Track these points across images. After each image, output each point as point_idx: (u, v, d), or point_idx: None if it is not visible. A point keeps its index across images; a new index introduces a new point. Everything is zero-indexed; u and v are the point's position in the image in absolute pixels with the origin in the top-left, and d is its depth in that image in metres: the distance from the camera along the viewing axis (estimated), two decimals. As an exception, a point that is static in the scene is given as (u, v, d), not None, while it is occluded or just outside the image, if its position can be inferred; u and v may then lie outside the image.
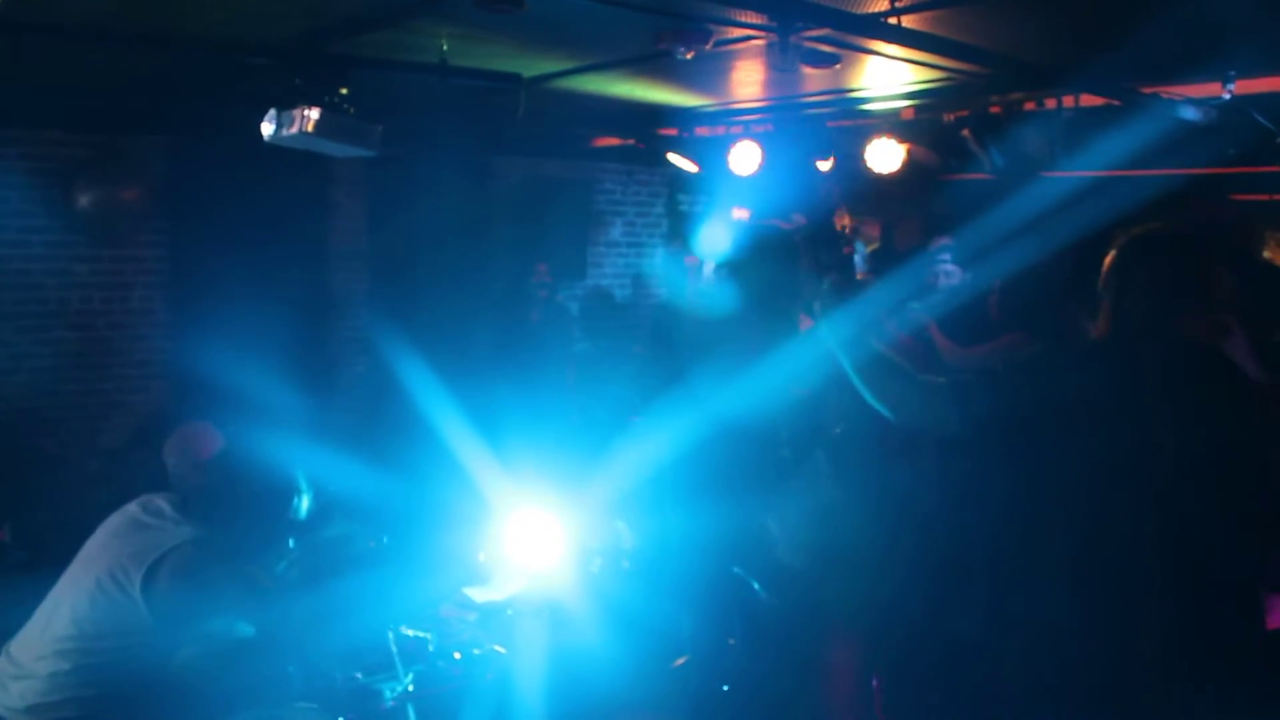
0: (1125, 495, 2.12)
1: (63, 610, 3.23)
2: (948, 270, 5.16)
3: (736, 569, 4.48)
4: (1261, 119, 4.82)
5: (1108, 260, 2.44)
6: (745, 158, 6.49)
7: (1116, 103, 5.01)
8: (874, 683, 4.12)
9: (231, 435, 3.56)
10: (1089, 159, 5.07)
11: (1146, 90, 4.92)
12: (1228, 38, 3.93)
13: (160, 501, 3.40)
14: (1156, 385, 2.16)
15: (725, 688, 4.47)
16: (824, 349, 3.63)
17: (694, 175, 7.38)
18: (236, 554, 3.39)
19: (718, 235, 4.43)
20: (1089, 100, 5.15)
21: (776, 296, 4.41)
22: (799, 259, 4.62)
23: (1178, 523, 2.08)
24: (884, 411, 2.51)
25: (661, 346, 5.84)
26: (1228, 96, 4.64)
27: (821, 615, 4.06)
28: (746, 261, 4.35)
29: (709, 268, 5.92)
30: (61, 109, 6.29)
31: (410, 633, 4.37)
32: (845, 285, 2.61)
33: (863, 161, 6.01)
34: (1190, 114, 4.95)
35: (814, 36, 4.07)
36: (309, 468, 3.87)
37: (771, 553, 4.29)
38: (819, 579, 4.07)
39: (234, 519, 3.44)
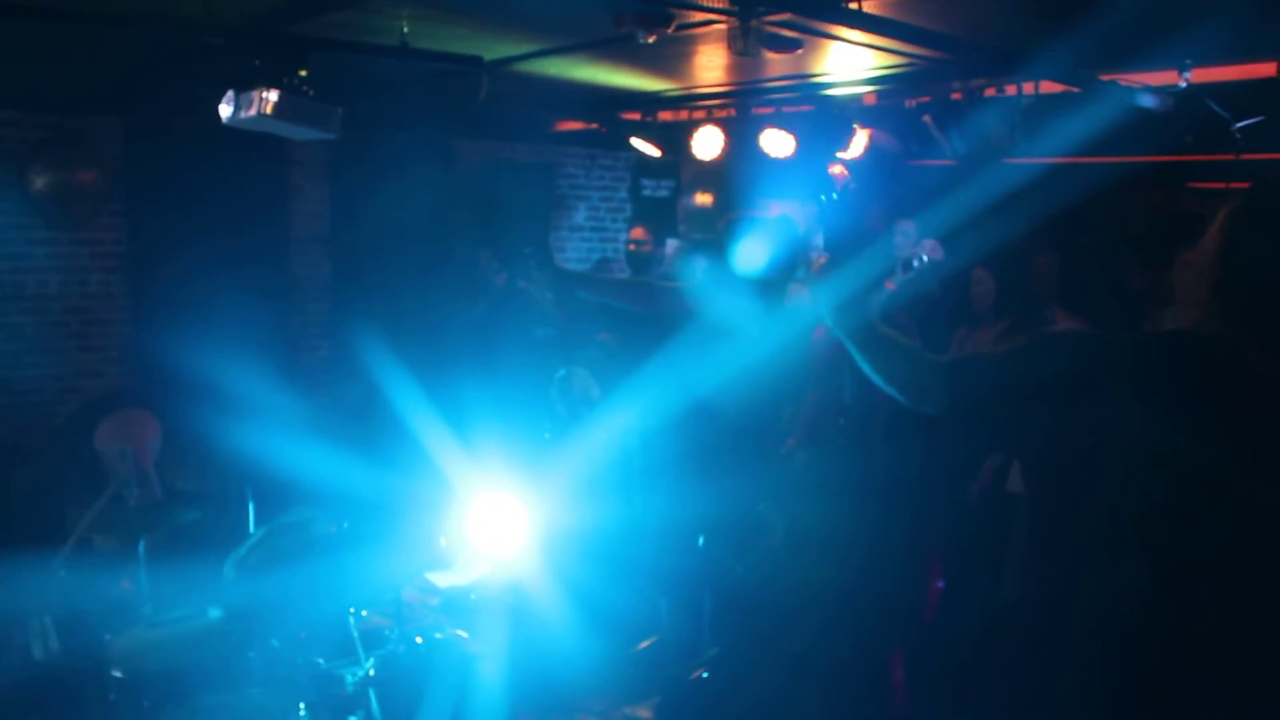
0: (1088, 482, 2.10)
1: None
2: (930, 244, 5.17)
3: (716, 551, 4.50)
4: (1216, 107, 4.88)
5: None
6: (708, 142, 6.50)
7: (1075, 89, 5.05)
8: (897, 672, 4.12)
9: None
10: (1048, 145, 5.11)
11: (1105, 77, 4.97)
12: (1184, 26, 3.97)
13: None
14: (1143, 374, 2.07)
15: (705, 674, 4.49)
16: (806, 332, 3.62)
17: (657, 160, 7.39)
18: None
19: (754, 256, 4.41)
20: (1049, 87, 5.19)
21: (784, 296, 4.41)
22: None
23: (1145, 516, 2.03)
24: (893, 393, 2.43)
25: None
26: (1184, 85, 4.70)
27: (807, 600, 4.07)
28: (779, 282, 4.34)
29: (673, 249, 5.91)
30: (14, 89, 6.19)
31: (371, 618, 4.37)
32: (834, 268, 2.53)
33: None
34: (1147, 101, 5.01)
35: (775, 21, 4.07)
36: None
37: (762, 538, 4.30)
38: (809, 564, 4.07)
39: None
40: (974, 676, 2.53)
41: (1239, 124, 4.92)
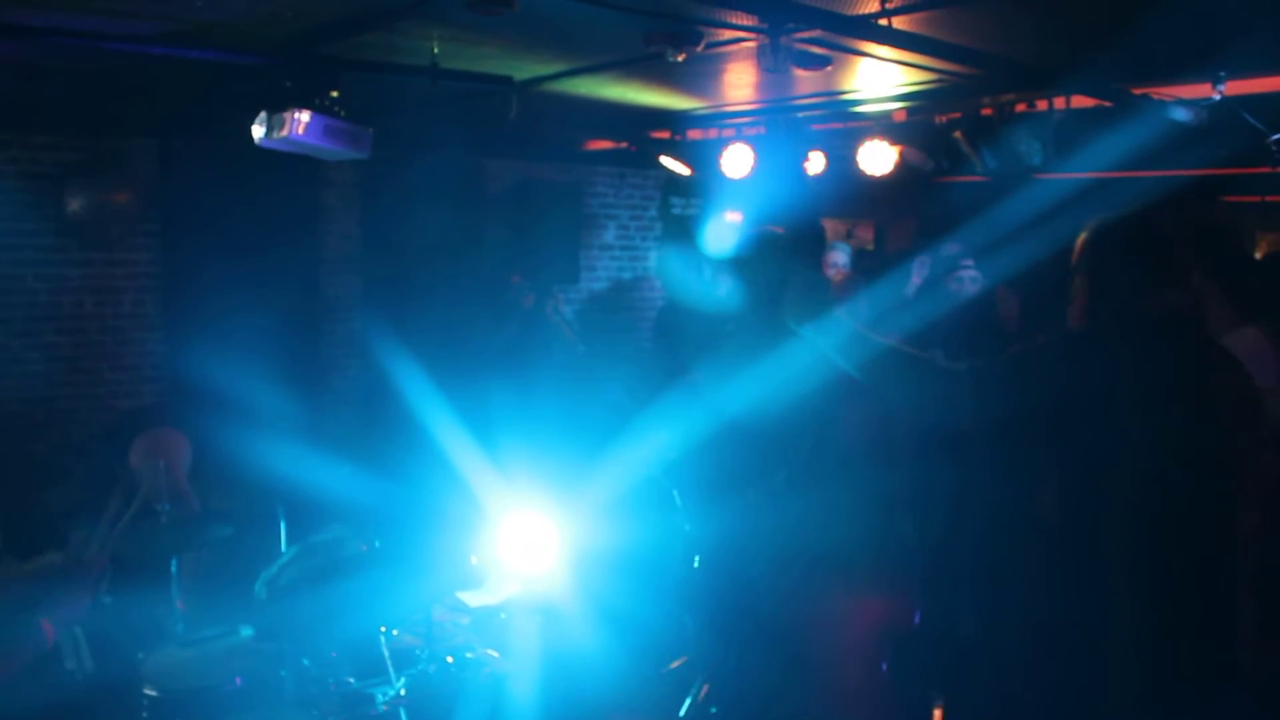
0: (1100, 494, 2.09)
1: None
2: (973, 276, 5.12)
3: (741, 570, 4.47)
4: (1252, 120, 4.82)
5: (1079, 242, 2.47)
6: (737, 160, 6.49)
7: (1108, 104, 5.01)
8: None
9: None
10: (1081, 161, 5.07)
11: (1137, 91, 4.92)
12: (1218, 39, 3.93)
13: None
14: (1145, 382, 2.11)
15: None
16: (814, 354, 3.62)
17: (687, 178, 7.39)
18: None
19: (721, 237, 4.44)
20: (1080, 101, 5.16)
21: (778, 296, 4.40)
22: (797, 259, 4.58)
23: (1152, 523, 2.03)
24: (905, 405, 2.49)
25: (665, 345, 5.80)
26: (1218, 97, 4.65)
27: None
28: (748, 261, 4.34)
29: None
30: (49, 112, 6.27)
31: (402, 636, 4.36)
32: (811, 291, 2.58)
33: (855, 164, 6.02)
34: (1181, 115, 4.95)
35: (805, 38, 4.07)
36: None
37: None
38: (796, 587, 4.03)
39: None
40: (1015, 700, 2.49)
41: (1275, 136, 4.87)
